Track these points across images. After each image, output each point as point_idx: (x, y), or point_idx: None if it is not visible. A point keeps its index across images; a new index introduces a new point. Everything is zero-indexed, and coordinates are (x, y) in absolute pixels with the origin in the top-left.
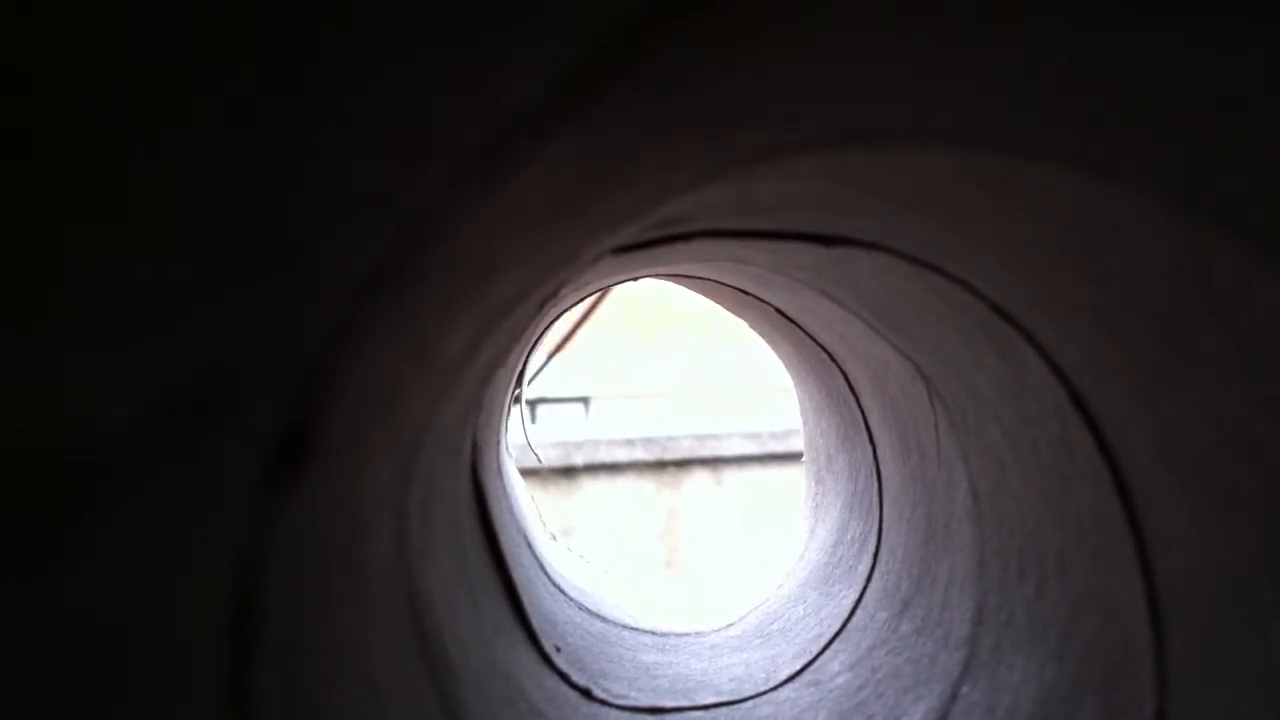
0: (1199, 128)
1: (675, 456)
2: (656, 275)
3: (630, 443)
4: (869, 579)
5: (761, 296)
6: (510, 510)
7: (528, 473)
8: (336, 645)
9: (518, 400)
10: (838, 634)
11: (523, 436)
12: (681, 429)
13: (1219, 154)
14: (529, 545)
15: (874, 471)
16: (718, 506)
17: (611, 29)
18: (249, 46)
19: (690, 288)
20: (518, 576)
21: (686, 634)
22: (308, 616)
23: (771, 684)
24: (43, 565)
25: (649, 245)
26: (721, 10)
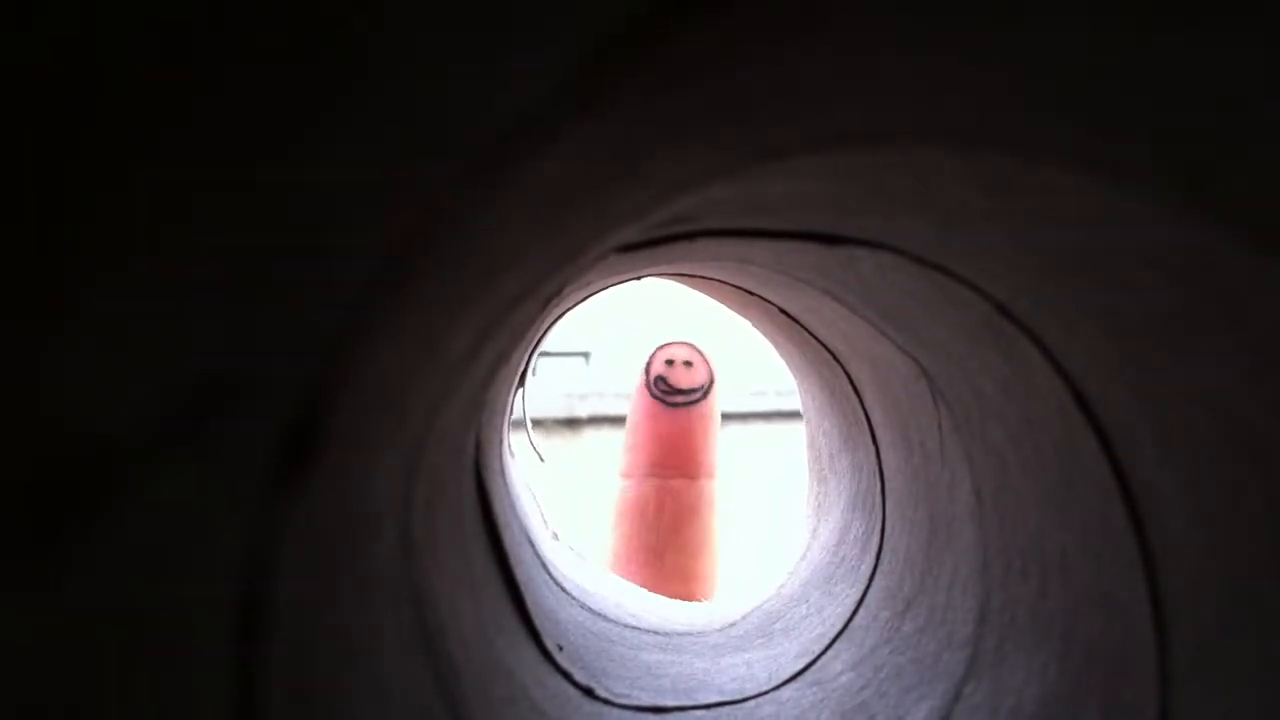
0: (1201, 127)
1: None
2: (660, 275)
3: (630, 397)
4: (871, 578)
5: (765, 296)
6: (512, 508)
7: (534, 422)
8: (342, 642)
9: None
10: (840, 633)
11: (525, 437)
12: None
13: (1221, 154)
14: (531, 543)
15: (877, 471)
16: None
17: (616, 27)
18: (249, 46)
19: (693, 287)
20: (520, 575)
21: (688, 633)
22: (315, 615)
23: (774, 683)
24: (48, 567)
25: (653, 244)
26: (726, 9)
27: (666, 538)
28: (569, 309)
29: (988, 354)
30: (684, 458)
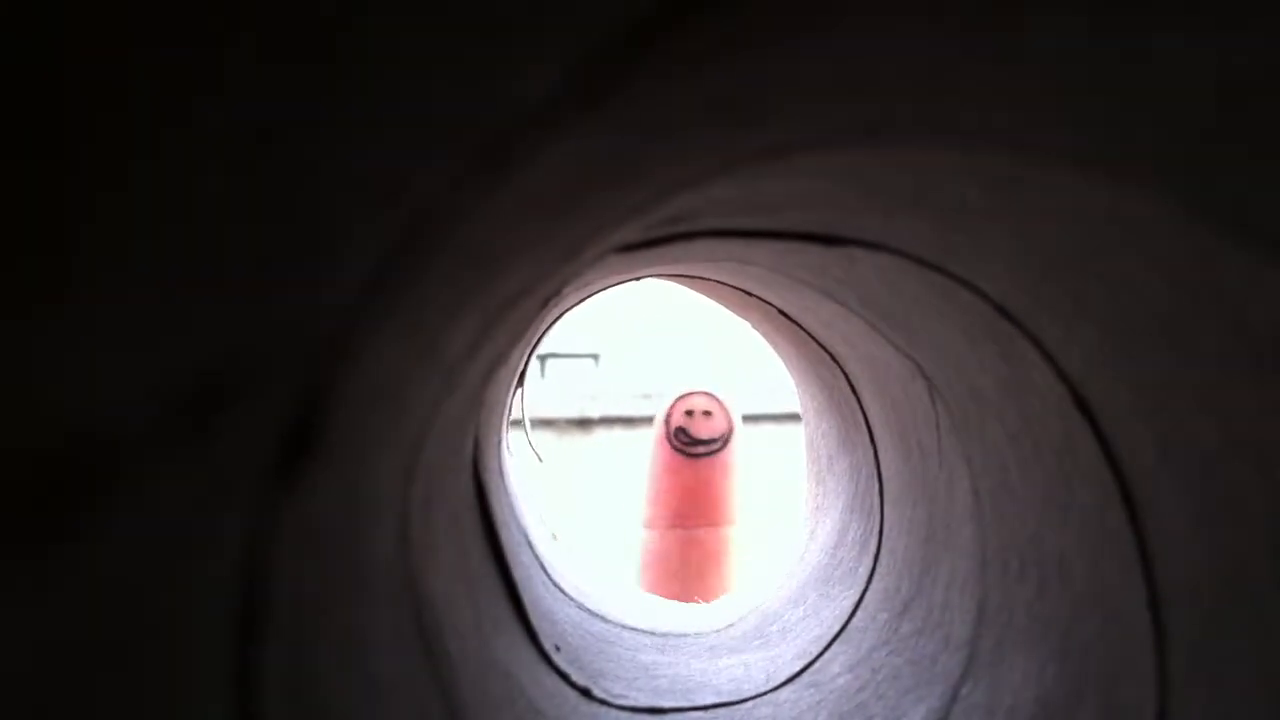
0: (1201, 128)
1: None
2: (659, 275)
3: (647, 396)
4: (869, 580)
5: (764, 297)
6: (510, 508)
7: (544, 423)
8: (340, 641)
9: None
10: (838, 635)
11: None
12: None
13: (1222, 154)
14: (529, 544)
15: (875, 472)
16: None
17: (616, 28)
18: (252, 44)
19: (692, 288)
20: (518, 575)
21: (686, 634)
22: (313, 612)
23: (771, 685)
24: (49, 563)
25: (652, 244)
26: (728, 8)
27: (691, 585)
28: (567, 310)
29: (986, 354)
30: (706, 507)
